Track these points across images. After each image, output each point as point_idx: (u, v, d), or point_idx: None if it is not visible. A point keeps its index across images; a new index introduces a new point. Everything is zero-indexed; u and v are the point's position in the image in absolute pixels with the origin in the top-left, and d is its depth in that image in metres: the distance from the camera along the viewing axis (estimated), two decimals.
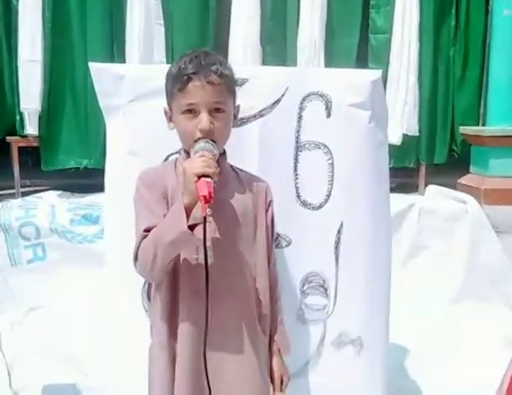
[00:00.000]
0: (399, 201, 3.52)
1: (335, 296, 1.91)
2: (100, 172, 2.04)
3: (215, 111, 1.41)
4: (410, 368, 2.80)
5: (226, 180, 1.49)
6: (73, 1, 3.77)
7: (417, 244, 3.60)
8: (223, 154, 1.51)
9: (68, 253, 3.16)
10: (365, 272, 1.91)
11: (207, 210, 1.35)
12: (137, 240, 1.41)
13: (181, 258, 1.43)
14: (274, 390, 1.59)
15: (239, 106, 1.54)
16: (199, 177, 1.28)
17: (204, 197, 1.27)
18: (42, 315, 3.02)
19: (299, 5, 3.98)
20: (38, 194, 3.58)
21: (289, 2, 4.04)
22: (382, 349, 1.97)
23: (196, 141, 1.39)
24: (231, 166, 1.57)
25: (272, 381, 1.58)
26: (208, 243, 1.39)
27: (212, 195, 1.28)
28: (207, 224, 1.36)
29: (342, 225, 1.88)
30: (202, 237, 1.32)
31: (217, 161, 1.38)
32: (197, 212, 1.30)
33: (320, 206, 1.88)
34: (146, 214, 1.42)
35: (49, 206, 3.30)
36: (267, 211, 1.56)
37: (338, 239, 1.89)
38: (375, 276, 1.93)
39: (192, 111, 1.40)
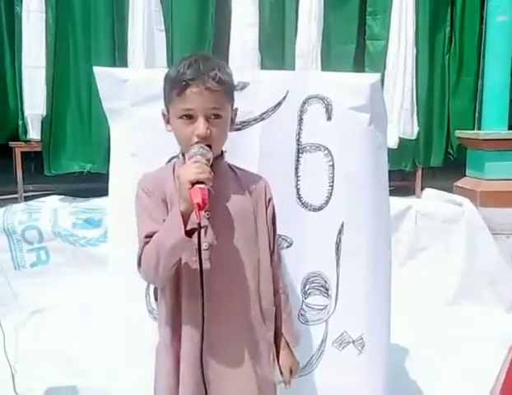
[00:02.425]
0: (396, 204, 3.54)
1: (336, 296, 1.93)
2: (103, 176, 2.06)
3: (212, 117, 1.41)
4: (408, 368, 2.81)
5: (224, 181, 1.50)
6: (76, 7, 3.81)
7: (414, 247, 3.63)
8: (221, 155, 1.52)
9: (71, 256, 3.19)
10: (366, 272, 1.93)
11: (205, 213, 1.38)
12: (139, 247, 1.42)
13: (182, 262, 1.44)
14: (285, 383, 1.61)
15: (236, 109, 1.55)
16: (193, 184, 1.29)
17: (198, 204, 1.27)
18: (45, 318, 3.05)
19: (297, 12, 4.02)
20: (41, 198, 3.59)
21: (287, 10, 4.09)
22: (383, 348, 1.99)
23: (191, 146, 1.39)
24: (230, 166, 1.57)
25: (282, 374, 1.59)
26: (206, 247, 1.41)
27: (206, 202, 1.28)
28: (205, 228, 1.39)
29: (342, 225, 1.90)
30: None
31: (213, 164, 1.39)
32: (195, 216, 1.31)
33: (321, 208, 1.91)
34: (146, 220, 1.43)
35: (52, 210, 3.32)
36: (266, 208, 1.57)
37: (339, 239, 1.91)
38: (376, 276, 1.96)
39: (189, 116, 1.41)
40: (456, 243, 3.59)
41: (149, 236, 1.39)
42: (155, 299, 1.59)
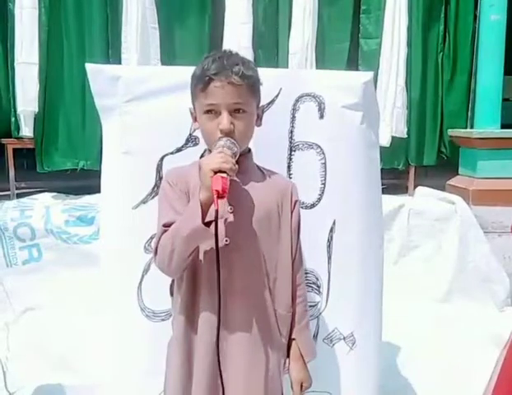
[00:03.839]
0: (389, 202, 3.55)
1: (327, 293, 1.93)
2: (96, 173, 2.05)
3: (236, 111, 1.41)
4: (399, 365, 2.83)
5: (250, 177, 1.49)
6: (69, 3, 3.80)
7: (407, 245, 3.63)
8: (248, 152, 1.52)
9: (63, 253, 3.17)
10: (358, 270, 1.94)
11: (229, 207, 1.39)
12: (157, 235, 1.42)
13: (201, 253, 1.43)
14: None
15: (263, 106, 1.54)
16: (215, 172, 1.29)
17: (217, 191, 1.27)
18: (37, 316, 3.04)
19: (291, 10, 4.03)
20: (33, 196, 3.57)
21: (281, 8, 4.10)
22: (374, 345, 2.00)
23: (218, 139, 1.39)
24: (257, 166, 1.57)
25: (292, 387, 1.57)
26: (224, 240, 1.41)
27: (226, 191, 1.28)
28: (224, 220, 1.39)
29: (334, 223, 1.91)
30: (219, 232, 1.33)
31: (238, 159, 1.39)
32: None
33: (313, 206, 1.91)
34: (167, 210, 1.43)
35: (44, 207, 3.30)
36: (292, 211, 1.55)
37: (331, 237, 1.91)
38: (368, 273, 1.96)
39: (213, 111, 1.41)
40: (448, 241, 3.60)
41: (167, 225, 1.39)
42: (171, 294, 1.58)
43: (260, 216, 1.47)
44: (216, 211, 1.28)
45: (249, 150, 1.54)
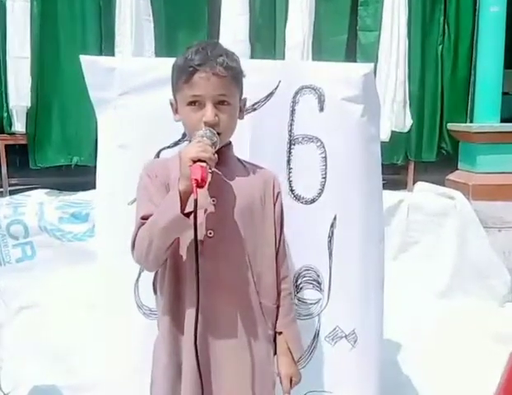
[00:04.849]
0: (388, 197, 3.52)
1: (329, 290, 1.91)
2: (90, 169, 2.02)
3: (220, 103, 1.40)
4: (400, 362, 2.82)
5: (232, 170, 1.49)
6: None
7: (406, 240, 3.63)
8: (229, 144, 1.51)
9: (57, 251, 3.15)
10: (359, 266, 1.92)
11: (211, 199, 1.38)
12: (134, 228, 1.40)
13: (183, 248, 1.41)
14: (283, 391, 1.56)
15: (245, 99, 1.54)
16: (194, 161, 1.27)
17: (196, 180, 1.25)
18: (32, 314, 3.00)
19: (287, 2, 3.99)
20: (26, 192, 3.55)
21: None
22: (376, 342, 1.98)
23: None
24: (238, 158, 1.56)
25: (281, 382, 1.55)
26: (207, 232, 1.40)
27: (206, 180, 1.26)
28: (204, 210, 1.38)
29: (335, 218, 1.88)
30: (199, 222, 1.30)
31: (220, 150, 1.38)
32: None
33: (313, 200, 1.88)
34: (145, 203, 1.42)
35: (38, 204, 3.28)
36: (275, 203, 1.55)
37: (332, 232, 1.89)
38: (369, 269, 1.94)
39: (197, 103, 1.40)
40: (448, 237, 3.60)
41: (145, 218, 1.37)
42: (155, 291, 1.56)
43: (243, 209, 1.47)
44: (196, 200, 1.26)
45: (230, 142, 1.52)
